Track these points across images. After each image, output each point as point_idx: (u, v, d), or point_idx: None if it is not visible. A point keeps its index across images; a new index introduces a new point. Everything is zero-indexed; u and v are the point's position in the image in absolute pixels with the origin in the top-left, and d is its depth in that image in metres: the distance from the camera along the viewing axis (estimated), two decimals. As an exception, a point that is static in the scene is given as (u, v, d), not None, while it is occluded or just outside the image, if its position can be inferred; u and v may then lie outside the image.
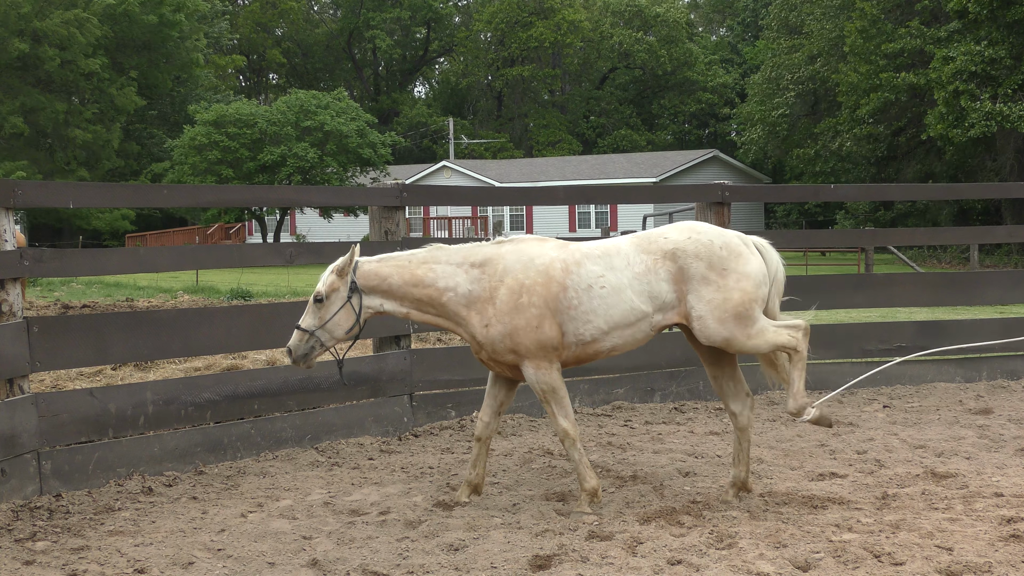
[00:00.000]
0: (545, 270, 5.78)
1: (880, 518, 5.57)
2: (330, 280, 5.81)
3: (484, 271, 5.86)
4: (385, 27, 72.79)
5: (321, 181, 42.61)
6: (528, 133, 70.04)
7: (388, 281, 5.87)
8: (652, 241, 5.87)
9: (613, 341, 5.84)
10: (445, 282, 5.87)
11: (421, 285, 5.87)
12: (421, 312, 5.92)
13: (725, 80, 67.02)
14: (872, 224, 40.87)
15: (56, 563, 5.19)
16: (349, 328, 5.84)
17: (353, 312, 5.82)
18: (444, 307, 5.87)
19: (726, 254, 5.76)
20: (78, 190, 7.72)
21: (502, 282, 5.79)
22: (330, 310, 5.80)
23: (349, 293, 5.80)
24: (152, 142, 52.50)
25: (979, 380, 9.76)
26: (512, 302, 5.74)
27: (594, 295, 5.75)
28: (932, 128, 32.12)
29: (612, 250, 5.89)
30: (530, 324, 5.71)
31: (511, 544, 5.26)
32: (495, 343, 5.77)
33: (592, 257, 5.85)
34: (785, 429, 8.07)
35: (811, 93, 45.40)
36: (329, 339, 5.83)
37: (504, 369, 5.93)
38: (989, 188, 15.20)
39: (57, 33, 41.78)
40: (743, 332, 5.70)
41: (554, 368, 5.80)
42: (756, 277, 5.77)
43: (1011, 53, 30.61)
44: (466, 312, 5.84)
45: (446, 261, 5.92)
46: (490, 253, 5.92)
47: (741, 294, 5.69)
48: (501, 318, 5.74)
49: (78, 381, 9.93)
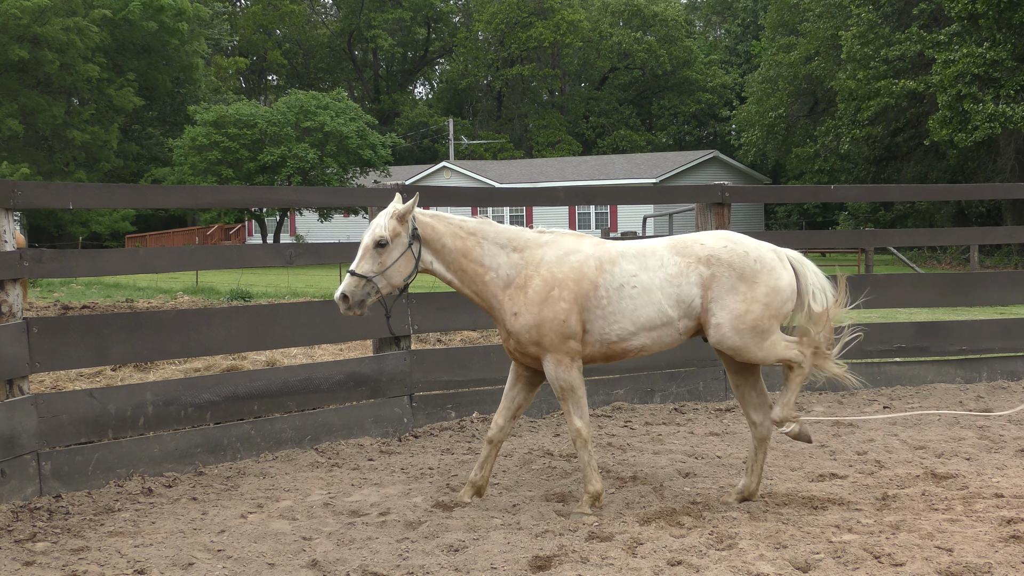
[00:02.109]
0: (579, 266, 5.79)
1: (880, 519, 5.57)
2: (392, 225, 5.71)
3: (523, 257, 5.87)
4: (386, 28, 72.79)
5: (321, 182, 42.62)
6: (528, 134, 70.04)
7: (443, 240, 5.84)
8: (688, 245, 5.89)
9: (642, 341, 5.85)
10: (490, 261, 5.86)
11: (469, 257, 5.86)
12: (462, 284, 5.89)
13: (724, 80, 67.02)
14: (872, 225, 40.87)
15: (56, 564, 5.19)
16: (408, 275, 5.78)
17: (413, 258, 5.76)
18: (486, 286, 5.86)
19: (759, 267, 5.78)
20: (78, 191, 7.71)
21: (537, 272, 5.80)
22: (392, 256, 5.71)
23: (410, 240, 5.75)
24: (151, 143, 52.50)
25: (979, 381, 9.76)
26: (544, 294, 5.74)
27: (624, 295, 5.76)
28: (935, 133, 32.04)
29: (648, 250, 5.91)
30: (557, 318, 5.71)
31: (511, 545, 5.26)
32: (521, 333, 5.76)
33: (627, 256, 5.86)
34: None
35: (809, 94, 45.38)
36: (386, 286, 5.73)
37: (528, 360, 5.92)
38: (989, 189, 15.17)
39: (57, 39, 41.81)
40: (756, 344, 5.73)
41: (575, 367, 5.79)
42: (784, 293, 5.79)
43: (1013, 54, 30.59)
44: (502, 296, 5.84)
45: (493, 239, 5.90)
46: (531, 241, 5.92)
47: (763, 308, 5.72)
48: (531, 308, 5.74)
49: (78, 382, 9.93)
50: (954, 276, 14.08)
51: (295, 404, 7.65)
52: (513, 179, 49.60)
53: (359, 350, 11.51)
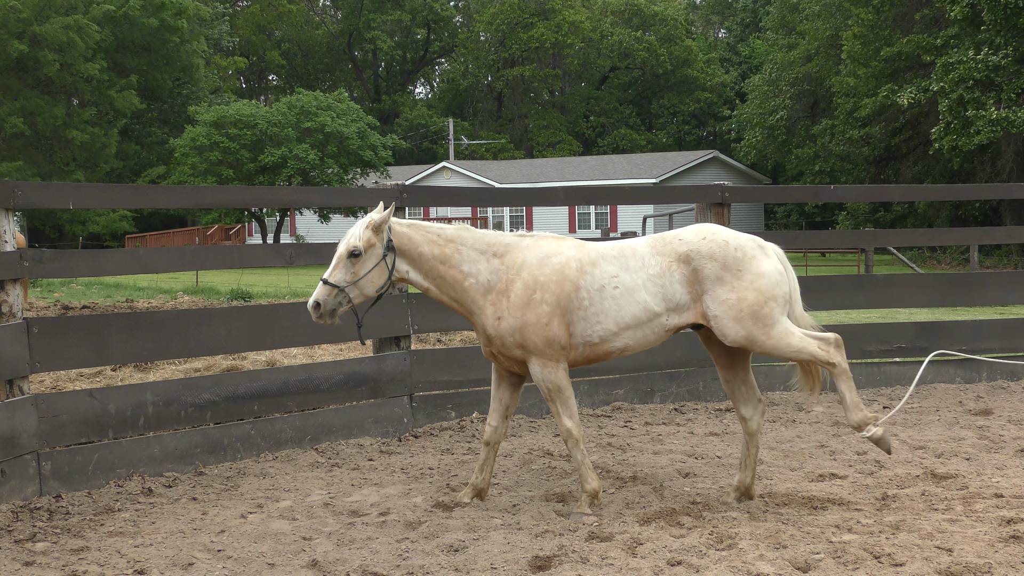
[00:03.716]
0: (560, 268, 5.79)
1: (880, 519, 5.57)
2: (366, 236, 5.73)
3: (503, 262, 5.87)
4: (386, 28, 72.79)
5: (321, 182, 42.62)
6: (528, 134, 70.05)
7: (419, 249, 5.85)
8: (667, 243, 5.88)
9: (624, 342, 5.83)
10: (469, 267, 5.87)
11: (448, 264, 5.86)
12: (440, 291, 5.90)
13: (724, 79, 67.02)
14: (872, 225, 40.86)
15: (56, 564, 5.19)
16: (380, 286, 5.80)
17: (386, 270, 5.79)
18: (465, 292, 5.86)
19: (740, 255, 5.77)
20: (78, 191, 7.72)
21: (518, 276, 5.80)
22: (365, 266, 5.74)
23: (384, 251, 5.78)
24: (152, 142, 52.50)
25: (979, 381, 9.76)
26: (525, 297, 5.74)
27: (606, 295, 5.75)
28: (938, 142, 31.87)
29: (628, 251, 5.90)
30: (540, 321, 5.71)
31: (511, 545, 5.27)
32: (504, 337, 5.77)
33: (608, 258, 5.86)
34: (785, 430, 8.07)
35: (809, 94, 45.38)
36: (358, 296, 5.76)
37: (512, 364, 5.93)
38: (989, 189, 15.17)
39: (56, 38, 41.80)
40: (763, 332, 5.69)
41: (561, 368, 5.80)
42: (771, 276, 5.77)
43: (1015, 58, 30.55)
44: (482, 302, 5.84)
45: (472, 245, 5.91)
46: (511, 245, 5.92)
47: (756, 293, 5.69)
48: (513, 312, 5.74)
49: (78, 382, 9.93)
50: (954, 276, 14.07)
51: (295, 404, 7.65)
52: (513, 179, 49.61)
53: (359, 350, 11.50)
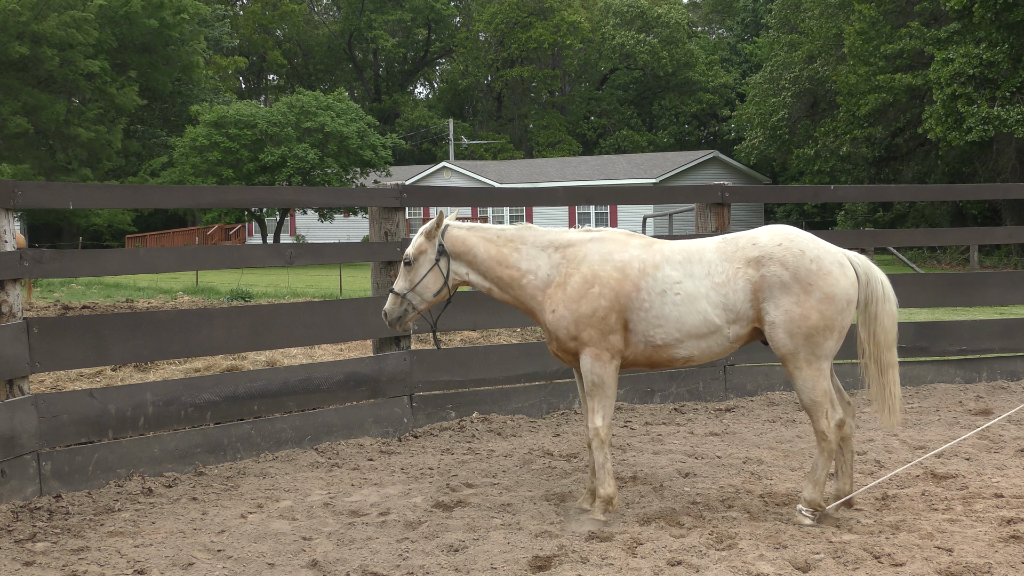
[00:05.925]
0: (622, 267, 5.74)
1: (880, 519, 5.57)
2: (418, 242, 5.92)
3: (565, 256, 5.87)
4: (386, 28, 72.79)
5: (322, 182, 42.61)
6: (528, 134, 70.04)
7: (474, 252, 5.91)
8: (739, 247, 5.66)
9: (688, 351, 5.70)
10: (528, 264, 5.89)
11: (505, 264, 5.90)
12: (501, 291, 5.95)
13: (726, 80, 67.01)
14: (871, 225, 40.85)
15: (56, 564, 5.19)
16: (438, 291, 5.91)
17: (441, 275, 5.90)
18: (523, 290, 5.89)
19: (815, 268, 5.48)
20: (78, 191, 7.72)
21: (578, 270, 5.78)
22: (419, 272, 5.89)
23: (436, 256, 5.88)
24: (154, 141, 52.51)
25: (979, 381, 9.76)
26: (582, 290, 5.71)
27: (667, 301, 5.64)
28: (932, 131, 32.04)
29: (695, 255, 5.72)
30: (596, 314, 5.66)
31: (511, 545, 5.27)
32: (559, 329, 5.74)
33: (673, 262, 5.71)
34: (785, 430, 8.07)
35: (810, 93, 45.37)
36: (420, 302, 5.93)
37: (571, 360, 5.87)
38: (989, 189, 15.14)
39: (55, 35, 41.83)
40: (805, 358, 5.47)
41: (611, 364, 5.71)
42: (840, 302, 5.48)
43: (1010, 55, 30.56)
44: (541, 296, 5.85)
45: (532, 243, 5.94)
46: (575, 240, 5.92)
47: (820, 317, 5.44)
48: (568, 304, 5.72)
49: (78, 382, 9.93)
50: (954, 276, 14.07)
51: (295, 404, 7.65)
52: (513, 179, 49.60)
53: (359, 350, 11.51)
